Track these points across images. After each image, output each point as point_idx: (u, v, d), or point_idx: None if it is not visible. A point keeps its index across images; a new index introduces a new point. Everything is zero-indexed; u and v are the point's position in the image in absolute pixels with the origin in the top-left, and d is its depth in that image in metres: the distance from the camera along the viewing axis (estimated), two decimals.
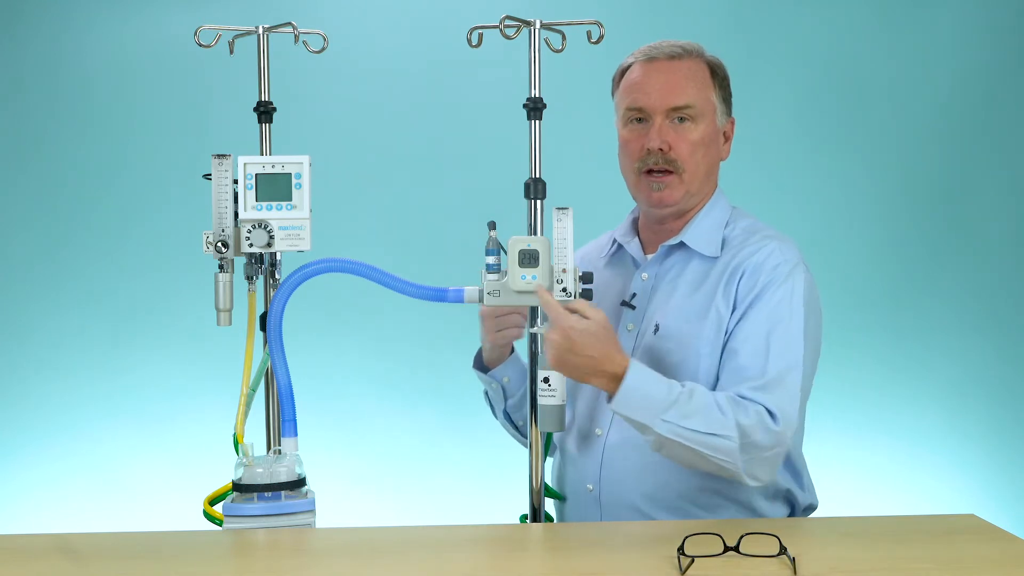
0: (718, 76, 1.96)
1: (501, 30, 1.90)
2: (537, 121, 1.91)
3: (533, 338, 1.88)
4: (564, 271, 1.76)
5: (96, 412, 3.70)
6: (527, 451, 1.95)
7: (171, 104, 3.71)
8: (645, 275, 1.97)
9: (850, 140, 3.75)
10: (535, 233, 1.90)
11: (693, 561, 1.48)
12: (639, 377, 1.72)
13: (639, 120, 1.94)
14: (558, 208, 1.76)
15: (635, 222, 2.06)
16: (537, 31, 1.90)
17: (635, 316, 1.95)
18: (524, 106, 1.91)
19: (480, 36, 1.92)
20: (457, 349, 3.72)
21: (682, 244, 1.95)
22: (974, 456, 3.73)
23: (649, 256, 2.00)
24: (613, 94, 2.02)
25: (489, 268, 1.79)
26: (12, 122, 3.72)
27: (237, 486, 1.76)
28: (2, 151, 3.72)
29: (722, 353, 1.84)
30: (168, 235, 3.64)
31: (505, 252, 1.78)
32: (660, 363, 1.86)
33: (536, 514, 1.94)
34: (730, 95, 1.99)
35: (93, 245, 3.72)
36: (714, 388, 1.82)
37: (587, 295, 1.79)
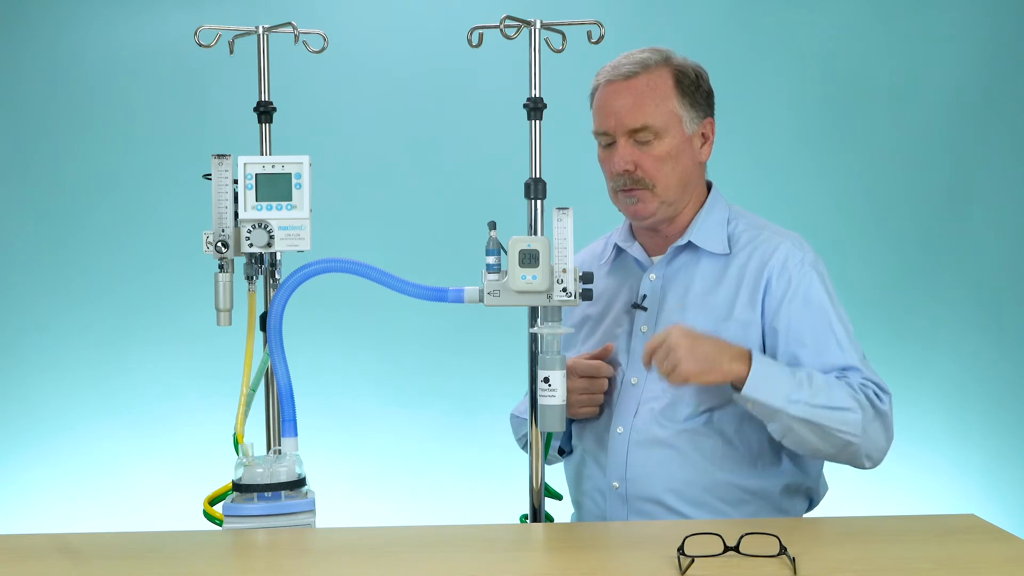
0: (684, 83, 1.95)
1: (501, 30, 1.90)
2: (537, 121, 1.91)
3: (533, 338, 1.88)
4: (564, 271, 1.76)
5: (96, 412, 3.70)
6: (527, 451, 1.95)
7: (171, 104, 3.71)
8: (653, 276, 1.99)
9: (850, 140, 3.75)
10: (535, 233, 1.90)
11: (693, 561, 1.48)
12: (763, 361, 1.81)
13: (608, 144, 1.97)
14: (558, 208, 1.76)
15: (632, 227, 2.07)
16: (537, 31, 1.90)
17: (648, 318, 1.96)
18: (524, 106, 1.91)
19: (480, 36, 1.92)
20: (457, 349, 3.76)
21: (690, 244, 1.97)
22: (974, 456, 3.73)
23: (655, 258, 2.01)
24: (591, 110, 2.04)
25: (489, 268, 1.79)
26: (12, 122, 3.72)
27: (237, 486, 1.76)
28: (2, 151, 3.72)
29: (779, 354, 1.89)
30: (168, 235, 3.64)
31: (505, 252, 1.78)
32: None
33: (536, 514, 1.94)
34: (705, 96, 1.98)
35: (93, 245, 3.72)
36: None
37: (587, 295, 1.79)
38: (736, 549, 1.52)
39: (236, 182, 1.83)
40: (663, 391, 1.91)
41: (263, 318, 1.95)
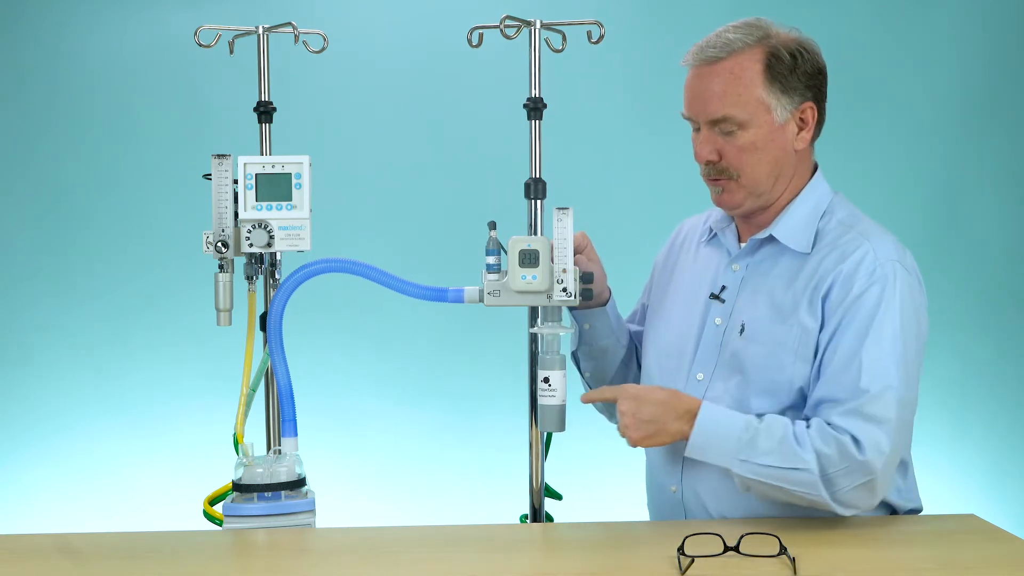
0: (775, 68, 1.79)
1: (501, 30, 1.90)
2: (537, 121, 1.91)
3: (533, 338, 1.88)
4: (564, 271, 1.76)
5: (96, 412, 3.70)
6: (527, 451, 1.95)
7: (171, 104, 3.70)
8: (736, 266, 1.87)
9: (849, 140, 3.74)
10: (535, 233, 1.90)
11: (693, 561, 1.48)
12: (711, 416, 1.71)
13: (695, 128, 1.85)
14: (558, 208, 1.76)
15: None
16: (537, 31, 1.90)
17: (723, 310, 1.85)
18: (524, 106, 1.91)
19: (480, 36, 1.92)
20: (457, 349, 3.76)
21: (771, 237, 1.84)
22: (974, 456, 3.73)
23: (742, 246, 1.89)
24: None
25: (489, 268, 1.79)
26: (13, 122, 3.72)
27: (237, 486, 1.76)
28: (2, 151, 3.72)
29: (813, 369, 1.76)
30: (168, 235, 3.64)
31: (505, 252, 1.78)
32: (744, 367, 1.79)
33: (536, 514, 1.94)
34: (805, 78, 1.81)
35: (93, 245, 3.72)
36: (802, 403, 1.76)
37: (586, 295, 1.79)
38: (736, 549, 1.52)
39: (236, 182, 1.83)
40: (725, 391, 1.80)
41: (263, 318, 1.95)
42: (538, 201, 1.90)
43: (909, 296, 1.76)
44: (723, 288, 1.87)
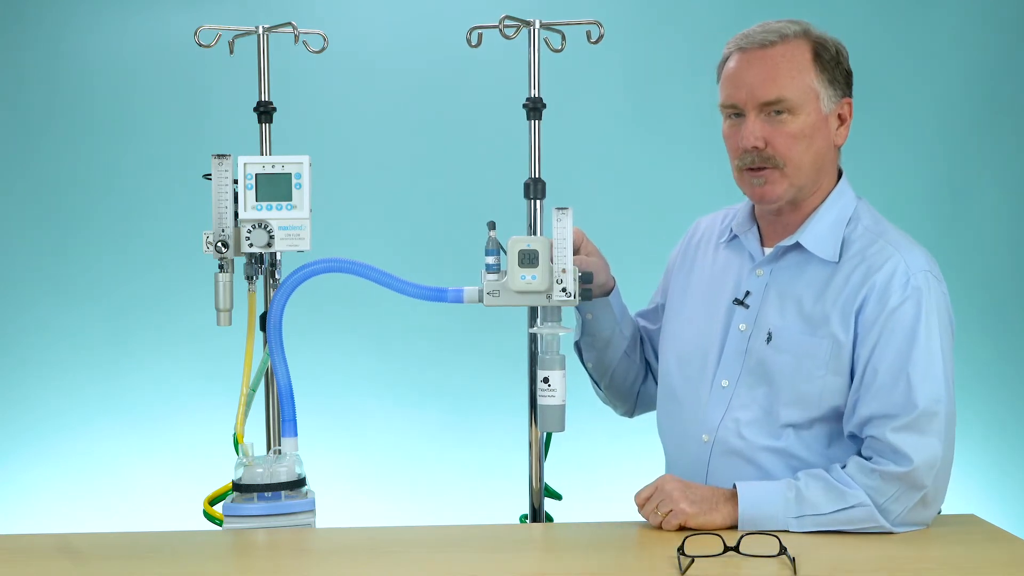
0: (823, 57, 1.80)
1: (501, 30, 1.90)
2: (537, 121, 1.91)
3: (533, 338, 1.88)
4: (564, 271, 1.76)
5: (96, 412, 3.70)
6: (527, 451, 1.95)
7: (171, 104, 3.70)
8: (760, 271, 1.84)
9: (849, 140, 3.74)
10: (535, 233, 1.90)
11: (693, 561, 1.49)
12: (750, 488, 1.71)
13: (736, 115, 1.81)
14: (558, 208, 1.76)
15: (754, 208, 1.90)
16: (537, 31, 1.90)
17: (747, 316, 1.82)
18: (524, 106, 1.91)
19: (480, 36, 1.93)
20: (457, 349, 3.76)
21: (798, 245, 1.81)
22: (974, 456, 3.73)
23: (766, 250, 1.86)
24: (718, 82, 1.87)
25: (489, 268, 1.79)
26: (12, 122, 3.72)
27: (237, 486, 1.76)
28: (2, 151, 3.73)
29: (852, 379, 1.74)
30: (168, 235, 3.64)
31: (505, 252, 1.78)
32: (771, 377, 1.77)
33: (536, 514, 1.94)
34: (844, 73, 1.85)
35: (93, 245, 3.72)
36: (832, 415, 1.75)
37: (586, 295, 1.79)
38: (736, 549, 1.52)
39: (236, 182, 1.83)
40: (752, 400, 1.79)
41: (263, 318, 1.96)
42: (537, 201, 1.90)
43: (945, 307, 1.78)
44: (747, 293, 1.84)
